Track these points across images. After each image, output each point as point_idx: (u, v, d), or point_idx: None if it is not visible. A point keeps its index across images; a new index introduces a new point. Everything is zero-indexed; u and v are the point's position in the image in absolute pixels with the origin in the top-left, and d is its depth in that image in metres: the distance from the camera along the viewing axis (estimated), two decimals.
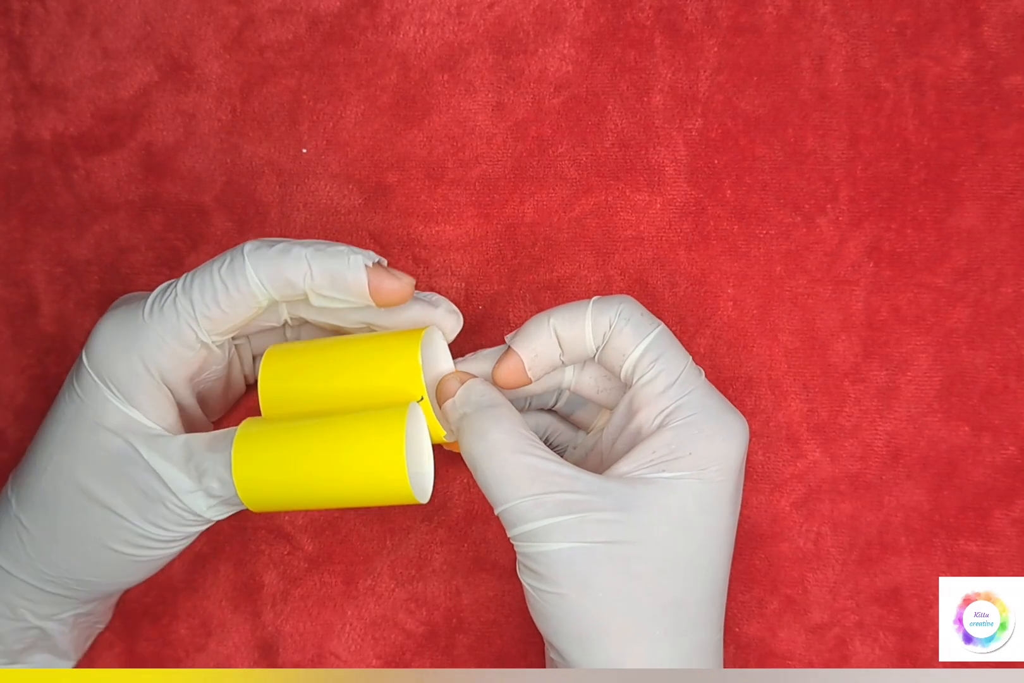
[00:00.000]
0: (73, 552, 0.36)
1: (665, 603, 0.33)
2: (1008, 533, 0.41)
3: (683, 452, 0.34)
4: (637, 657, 0.33)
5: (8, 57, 0.44)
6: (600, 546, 0.33)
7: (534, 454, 0.33)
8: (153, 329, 0.35)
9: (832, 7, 0.42)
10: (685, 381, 0.35)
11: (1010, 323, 0.41)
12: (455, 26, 0.43)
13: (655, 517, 0.33)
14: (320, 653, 0.42)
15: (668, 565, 0.33)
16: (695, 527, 0.34)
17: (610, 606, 0.33)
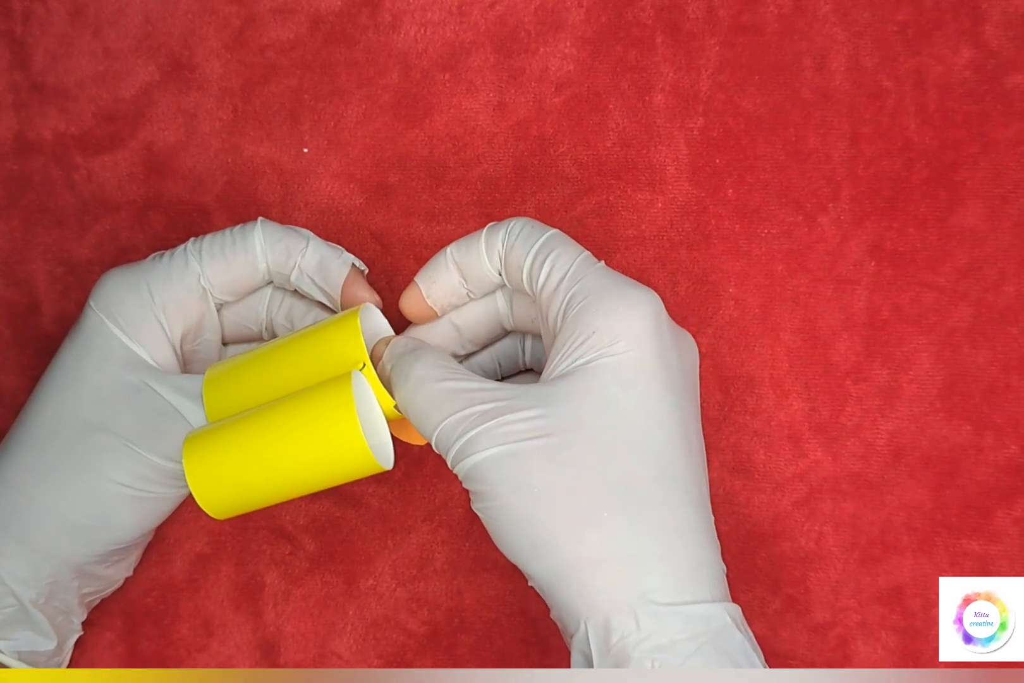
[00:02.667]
0: (65, 491, 0.36)
1: (607, 487, 0.32)
2: (1010, 532, 0.40)
3: (587, 334, 0.33)
4: (593, 548, 0.32)
5: (9, 57, 0.44)
6: (525, 444, 0.32)
7: (454, 379, 0.33)
8: (161, 269, 0.38)
9: (833, 6, 0.42)
10: (576, 271, 0.34)
11: (1012, 322, 0.41)
12: (456, 25, 0.43)
13: (575, 403, 0.33)
14: (322, 653, 0.42)
15: (601, 448, 0.32)
16: (620, 404, 0.33)
17: (549, 501, 0.32)
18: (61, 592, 0.38)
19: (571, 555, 0.32)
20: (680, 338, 0.35)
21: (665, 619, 0.31)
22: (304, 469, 0.34)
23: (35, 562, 0.37)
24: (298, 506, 0.43)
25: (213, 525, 0.43)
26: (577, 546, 0.32)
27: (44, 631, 0.38)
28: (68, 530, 0.37)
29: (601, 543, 0.32)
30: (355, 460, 0.33)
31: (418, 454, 0.42)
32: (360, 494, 0.43)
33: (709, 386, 0.42)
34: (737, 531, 0.41)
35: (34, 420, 0.37)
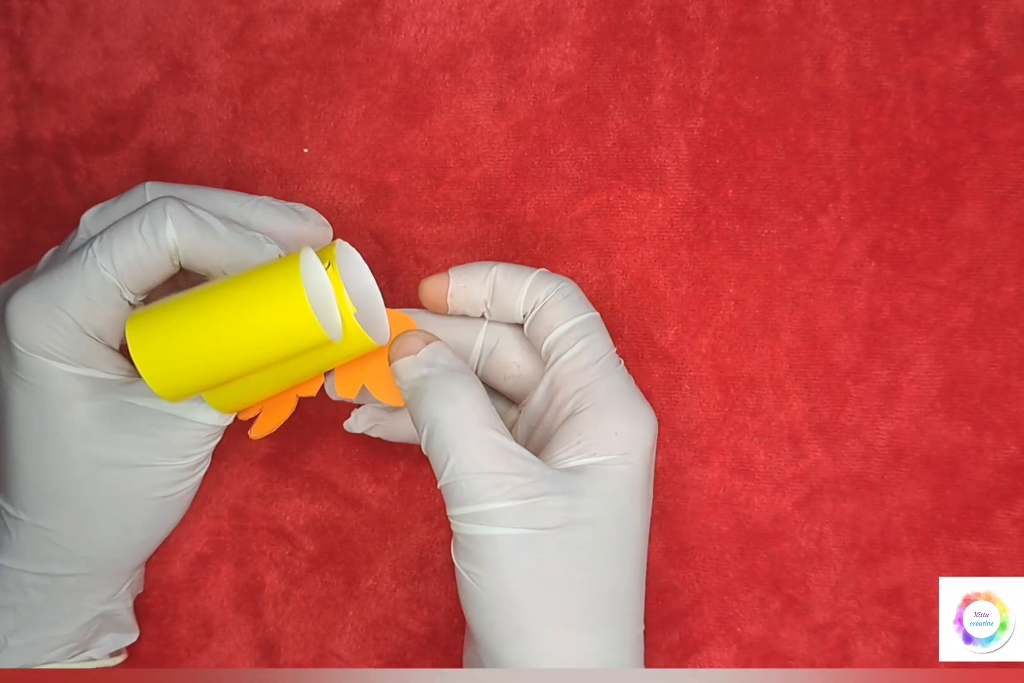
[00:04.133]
0: (113, 525, 0.36)
1: (602, 594, 0.33)
2: (1010, 533, 0.40)
3: (608, 433, 0.34)
4: (569, 650, 0.32)
5: (9, 57, 0.44)
6: (549, 533, 0.32)
7: (499, 430, 0.33)
8: (76, 293, 0.34)
9: (834, 6, 0.42)
10: (606, 364, 0.35)
11: (1012, 322, 0.41)
12: (456, 26, 0.43)
13: (596, 504, 0.33)
14: (321, 653, 0.42)
15: (609, 554, 0.33)
16: (626, 514, 0.34)
17: (549, 596, 0.32)
18: (131, 588, 0.40)
19: (548, 650, 0.32)
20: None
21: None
22: (249, 334, 0.32)
23: (114, 582, 0.39)
24: (298, 506, 0.43)
25: (213, 525, 0.43)
26: (556, 644, 0.33)
27: (128, 627, 0.41)
28: (131, 548, 0.38)
29: (579, 648, 0.33)
30: (298, 323, 0.32)
31: (418, 455, 0.42)
32: (360, 494, 0.43)
33: (709, 386, 0.42)
34: (737, 531, 0.41)
35: (39, 475, 0.36)
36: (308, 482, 0.43)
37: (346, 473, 0.43)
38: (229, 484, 0.43)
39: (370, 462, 0.42)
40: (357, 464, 0.43)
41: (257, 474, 0.43)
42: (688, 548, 0.41)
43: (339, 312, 0.33)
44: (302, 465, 0.43)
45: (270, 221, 0.37)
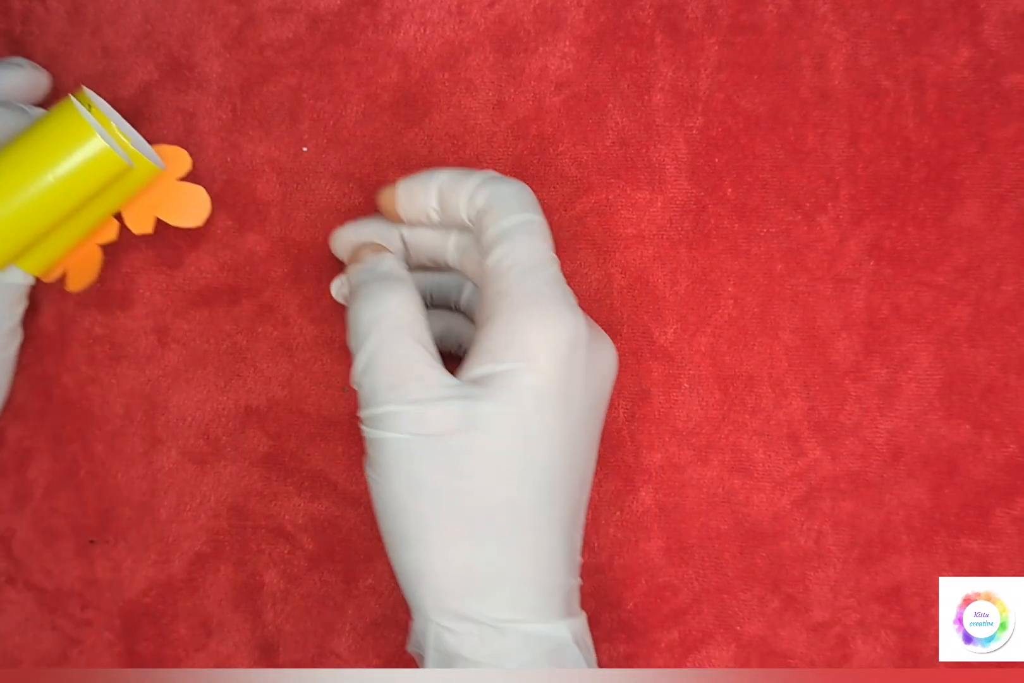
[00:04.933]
0: None
1: (494, 504, 0.33)
2: (1009, 531, 0.41)
3: (514, 339, 0.33)
4: (458, 558, 0.33)
5: (8, 55, 0.44)
6: (434, 440, 0.33)
7: (415, 337, 0.34)
8: None
9: (832, 6, 0.42)
10: (530, 268, 0.34)
11: (1011, 321, 0.41)
12: (455, 25, 0.43)
13: (492, 412, 0.33)
14: (321, 652, 0.42)
15: (498, 466, 0.33)
16: (529, 423, 0.33)
17: (434, 503, 0.33)
18: None
19: (435, 561, 0.33)
20: (598, 353, 0.35)
21: (506, 634, 0.33)
22: (54, 182, 0.35)
23: None
24: (297, 506, 0.43)
25: (212, 524, 0.43)
26: (443, 554, 0.33)
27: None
28: None
29: (465, 557, 0.33)
30: (94, 155, 0.35)
31: None
32: (360, 493, 0.43)
33: (708, 385, 0.42)
34: (736, 530, 0.41)
35: None
36: (307, 481, 0.43)
37: (345, 472, 0.43)
38: (228, 483, 0.43)
39: None
40: (357, 463, 0.43)
41: (256, 473, 0.43)
42: (687, 547, 0.41)
43: (117, 144, 0.36)
44: (301, 464, 0.43)
45: (13, 79, 0.39)
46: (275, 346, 0.43)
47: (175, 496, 0.43)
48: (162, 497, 0.43)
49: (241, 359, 0.43)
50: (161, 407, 0.43)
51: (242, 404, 0.43)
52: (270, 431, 0.43)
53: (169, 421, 0.43)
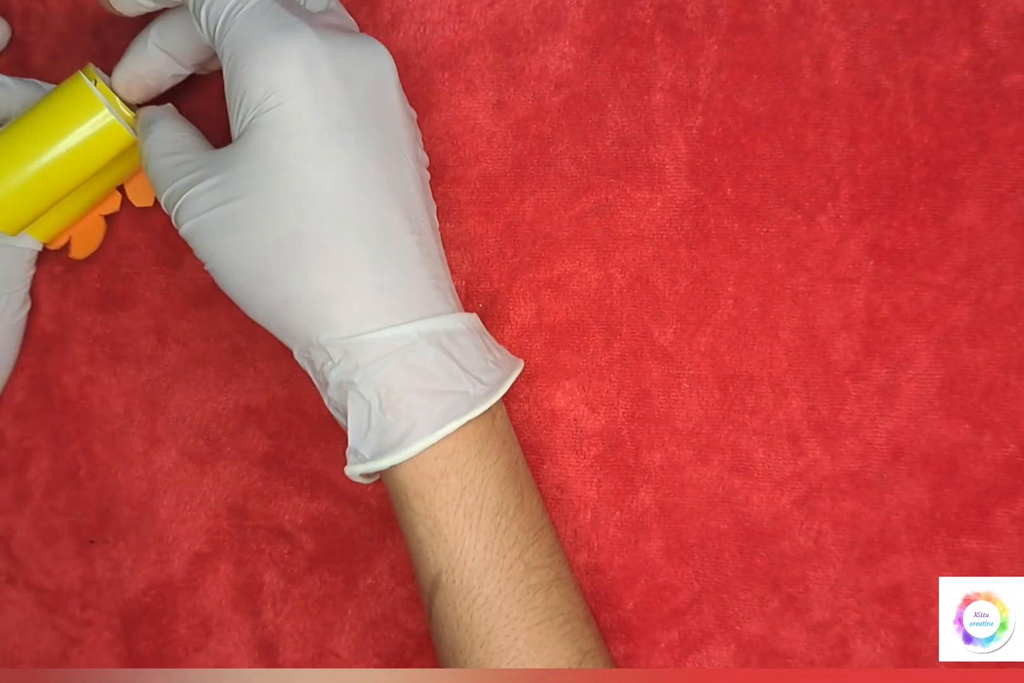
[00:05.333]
0: None
1: (278, 242, 0.34)
2: (1009, 531, 0.40)
3: (241, 93, 0.34)
4: (276, 298, 0.34)
5: (9, 56, 0.44)
6: (207, 215, 0.34)
7: (172, 152, 0.36)
8: None
9: (832, 5, 0.42)
10: (227, 19, 0.34)
11: (1011, 321, 0.41)
12: (455, 24, 0.43)
13: (244, 166, 0.34)
14: (320, 652, 0.42)
15: (269, 205, 0.34)
16: (282, 158, 0.33)
17: (234, 265, 0.34)
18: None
19: (265, 306, 0.35)
20: (355, 62, 0.35)
21: (352, 348, 0.34)
22: (65, 153, 0.38)
23: None
24: (297, 505, 0.43)
25: (212, 524, 0.43)
26: (265, 297, 0.34)
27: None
28: None
29: (283, 293, 0.34)
30: (103, 129, 0.38)
31: None
32: (359, 493, 0.42)
33: (708, 385, 0.42)
34: (736, 530, 0.41)
35: None
36: (307, 480, 0.43)
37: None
38: (228, 483, 0.43)
39: None
40: None
41: (256, 473, 0.43)
42: (687, 547, 0.41)
43: (123, 118, 0.38)
44: (301, 464, 0.43)
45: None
46: (275, 346, 0.43)
47: (175, 496, 0.43)
48: (162, 497, 0.43)
49: (241, 359, 0.43)
50: (161, 407, 0.43)
51: (242, 404, 0.43)
52: (270, 431, 0.43)
53: (169, 421, 0.43)
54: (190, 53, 0.39)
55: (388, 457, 0.34)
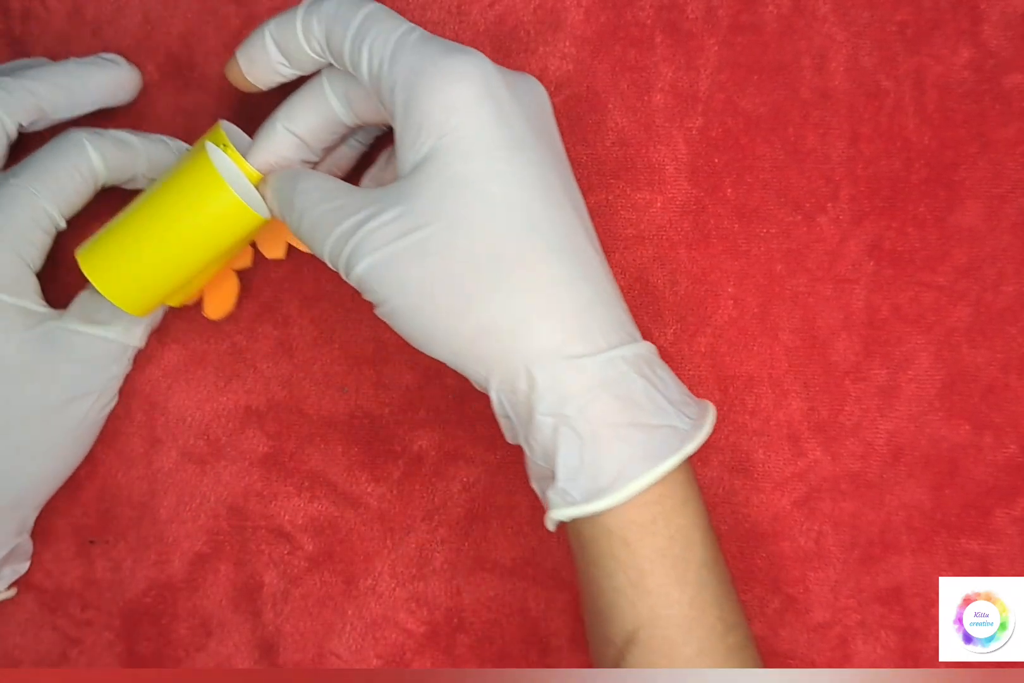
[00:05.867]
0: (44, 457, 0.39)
1: (475, 265, 0.32)
2: (1009, 532, 0.40)
3: (420, 120, 0.32)
4: (476, 324, 0.32)
5: (9, 56, 0.44)
6: (392, 246, 0.32)
7: (328, 199, 0.34)
8: (15, 221, 0.36)
9: (832, 6, 0.42)
10: (395, 52, 0.33)
11: (1011, 322, 0.41)
12: (456, 25, 0.43)
13: (427, 192, 0.32)
14: (320, 653, 0.42)
15: (460, 228, 0.32)
16: (468, 179, 0.32)
17: (428, 293, 0.32)
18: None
19: (461, 335, 0.32)
20: (522, 88, 0.34)
21: (558, 374, 0.32)
22: (192, 236, 0.36)
23: (31, 514, 0.41)
24: (297, 506, 0.43)
25: (212, 525, 0.43)
26: (461, 326, 0.32)
27: (26, 555, 0.42)
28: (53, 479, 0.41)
29: (482, 318, 0.32)
30: (226, 210, 0.35)
31: (417, 454, 0.42)
32: (359, 494, 0.43)
33: (708, 385, 0.42)
34: (736, 530, 0.41)
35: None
36: (307, 481, 0.43)
37: (345, 472, 0.43)
38: (228, 483, 0.43)
39: (369, 461, 0.42)
40: (356, 463, 0.43)
41: (256, 473, 0.43)
42: None
43: (251, 184, 0.37)
44: (301, 464, 0.43)
45: (101, 78, 0.40)
46: (275, 346, 0.43)
47: (175, 496, 0.43)
48: (162, 497, 0.43)
49: (241, 359, 0.43)
50: (161, 407, 0.43)
51: (242, 404, 0.43)
52: (269, 431, 0.43)
53: (169, 421, 0.43)
54: (321, 135, 0.38)
55: (602, 499, 0.31)
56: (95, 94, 0.40)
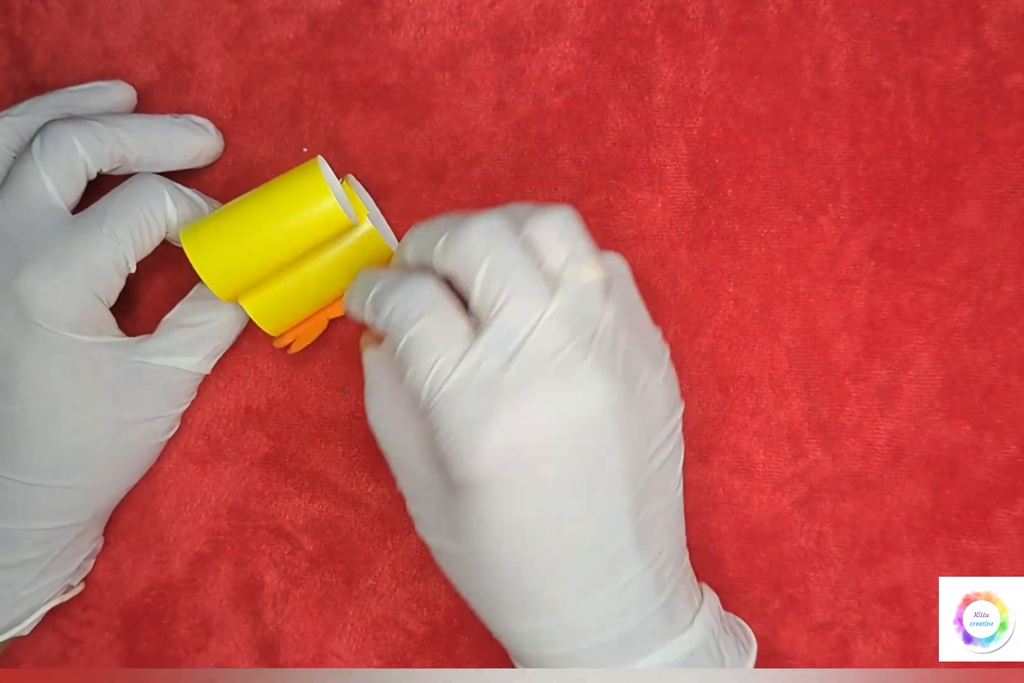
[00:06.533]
0: (123, 473, 0.41)
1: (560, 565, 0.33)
2: (1010, 532, 0.40)
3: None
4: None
5: (9, 56, 0.44)
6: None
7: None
8: (95, 267, 0.37)
9: (833, 6, 0.42)
10: (534, 329, 0.31)
11: (1012, 322, 0.41)
12: (456, 25, 0.43)
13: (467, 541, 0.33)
14: (321, 653, 0.42)
15: (497, 556, 0.32)
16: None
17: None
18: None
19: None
20: (636, 413, 0.33)
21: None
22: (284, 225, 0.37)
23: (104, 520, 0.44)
24: (297, 506, 0.43)
25: (212, 525, 0.43)
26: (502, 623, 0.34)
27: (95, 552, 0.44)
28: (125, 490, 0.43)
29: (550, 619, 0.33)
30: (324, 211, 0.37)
31: None
32: (359, 494, 0.43)
33: (708, 386, 0.42)
34: (737, 531, 0.41)
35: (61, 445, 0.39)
36: (307, 482, 0.43)
37: (345, 472, 0.43)
38: (228, 484, 0.43)
39: (369, 461, 0.42)
40: (357, 463, 0.43)
41: (256, 474, 0.43)
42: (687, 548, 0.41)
43: (355, 213, 0.39)
44: (301, 465, 0.43)
45: (190, 142, 0.41)
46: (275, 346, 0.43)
47: (175, 496, 0.43)
48: (162, 497, 0.43)
49: (241, 359, 0.43)
50: None
51: (242, 404, 0.43)
52: (270, 431, 0.43)
53: None
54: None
55: None
56: (179, 156, 0.41)
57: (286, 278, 0.39)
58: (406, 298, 0.32)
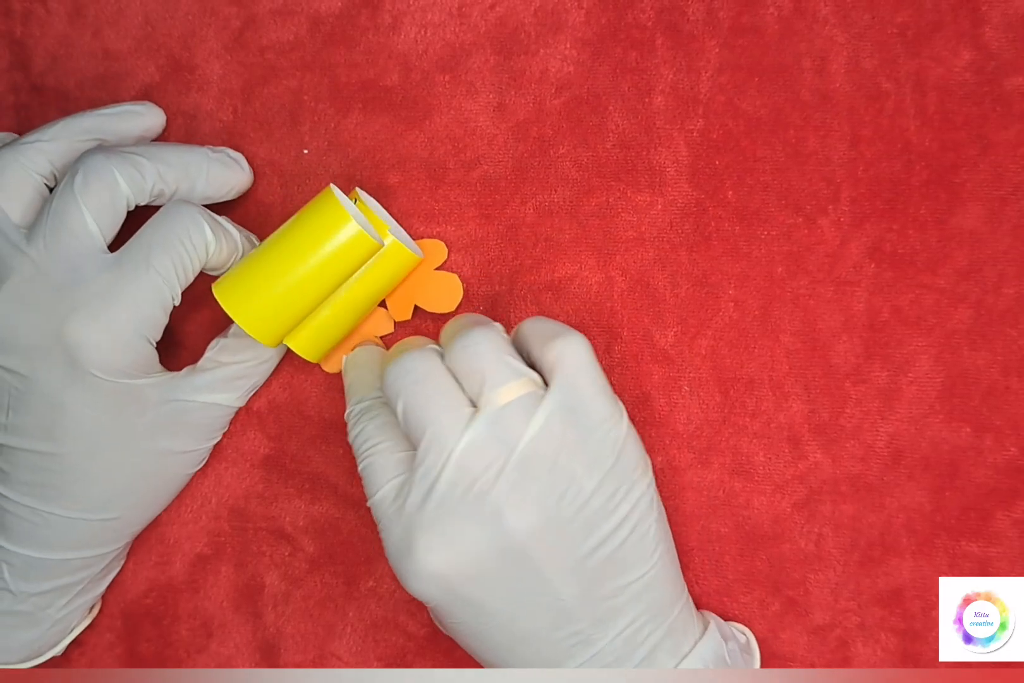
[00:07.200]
0: (160, 503, 0.42)
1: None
2: (1009, 534, 0.40)
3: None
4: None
5: (10, 58, 0.44)
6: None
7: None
8: (143, 309, 0.37)
9: (833, 8, 0.42)
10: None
11: (1012, 324, 0.41)
12: (456, 27, 0.43)
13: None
14: (321, 654, 0.42)
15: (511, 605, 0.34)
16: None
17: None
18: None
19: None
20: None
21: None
22: (314, 261, 0.37)
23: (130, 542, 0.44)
24: (298, 507, 0.43)
25: (213, 526, 0.43)
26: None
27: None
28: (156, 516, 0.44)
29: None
30: (349, 238, 0.37)
31: None
32: (360, 495, 0.43)
33: (709, 387, 0.42)
34: (737, 533, 0.41)
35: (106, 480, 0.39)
36: (308, 483, 0.43)
37: (346, 474, 0.43)
38: (229, 485, 0.43)
39: None
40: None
41: (257, 475, 0.43)
42: (687, 550, 0.41)
43: (376, 232, 0.39)
44: (302, 466, 0.43)
45: (225, 177, 0.41)
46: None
47: (176, 498, 0.43)
48: None
49: None
50: None
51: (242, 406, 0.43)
52: (271, 433, 0.43)
53: None
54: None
55: None
56: (212, 190, 0.41)
57: (325, 310, 0.39)
58: (367, 424, 0.37)
